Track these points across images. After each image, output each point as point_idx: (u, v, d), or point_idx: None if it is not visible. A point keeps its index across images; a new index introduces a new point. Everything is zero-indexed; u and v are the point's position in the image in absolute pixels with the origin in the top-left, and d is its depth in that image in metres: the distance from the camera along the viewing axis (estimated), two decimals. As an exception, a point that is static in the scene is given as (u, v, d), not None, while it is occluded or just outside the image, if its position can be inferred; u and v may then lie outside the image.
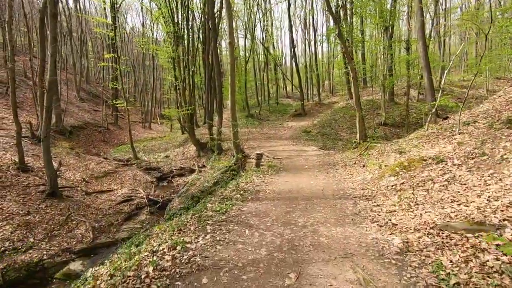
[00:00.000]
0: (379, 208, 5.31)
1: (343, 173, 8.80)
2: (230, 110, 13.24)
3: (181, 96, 18.75)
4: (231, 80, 13.00)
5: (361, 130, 11.42)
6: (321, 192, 6.81)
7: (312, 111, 27.06)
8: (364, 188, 6.86)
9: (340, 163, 10.16)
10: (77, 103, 26.96)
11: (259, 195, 6.66)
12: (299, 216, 5.18)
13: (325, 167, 9.96)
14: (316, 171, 9.38)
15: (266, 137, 19.30)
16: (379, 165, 8.40)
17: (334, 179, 8.16)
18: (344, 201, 6.05)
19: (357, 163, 9.65)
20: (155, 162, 19.48)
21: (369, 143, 11.03)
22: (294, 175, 8.97)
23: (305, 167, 10.02)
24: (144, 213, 12.74)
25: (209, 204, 6.12)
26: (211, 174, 13.82)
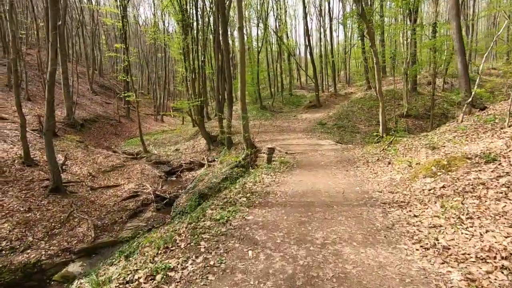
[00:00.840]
0: (417, 221, 4.17)
1: (366, 172, 7.63)
2: (240, 101, 12.18)
3: (190, 88, 17.86)
4: (241, 69, 11.91)
5: (384, 122, 10.13)
6: (342, 196, 5.71)
7: (327, 102, 25.60)
8: (394, 191, 5.69)
9: (361, 160, 8.96)
10: (90, 96, 26.61)
11: (269, 199, 5.62)
12: (316, 229, 4.12)
13: (344, 164, 8.79)
14: (334, 169, 8.24)
15: (279, 130, 18.18)
16: (409, 163, 7.16)
17: (356, 179, 7.01)
18: (371, 208, 4.93)
19: (381, 160, 8.43)
20: (165, 156, 18.79)
21: (394, 137, 9.74)
22: (309, 173, 7.87)
23: (321, 164, 8.89)
24: (151, 210, 12.02)
25: (209, 209, 5.15)
26: (220, 169, 12.90)
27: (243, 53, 11.84)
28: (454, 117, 19.24)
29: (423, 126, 17.54)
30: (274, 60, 32.40)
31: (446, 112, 18.92)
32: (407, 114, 18.03)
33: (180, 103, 17.29)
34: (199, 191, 11.61)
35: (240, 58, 11.81)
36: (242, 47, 11.74)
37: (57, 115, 20.60)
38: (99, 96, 27.12)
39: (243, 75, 11.98)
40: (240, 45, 11.74)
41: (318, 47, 39.79)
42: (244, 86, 12.18)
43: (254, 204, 5.26)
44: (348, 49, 34.03)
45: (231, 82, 14.20)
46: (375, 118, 18.81)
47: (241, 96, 12.05)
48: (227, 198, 5.80)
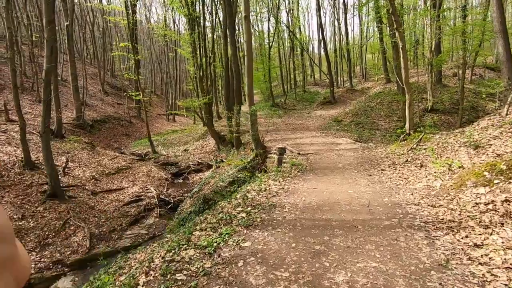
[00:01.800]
0: (483, 254, 2.87)
1: (394, 177, 6.28)
2: (247, 96, 11.03)
3: (198, 85, 16.86)
4: (247, 61, 10.74)
5: (411, 117, 8.67)
6: (367, 211, 4.43)
7: (342, 98, 24.01)
8: (435, 204, 4.36)
9: (386, 161, 7.59)
10: (101, 96, 26.21)
11: (274, 215, 4.42)
12: (336, 265, 2.90)
13: (366, 166, 7.45)
14: (354, 172, 6.92)
15: (291, 128, 16.89)
16: (448, 166, 5.77)
17: (383, 186, 5.69)
18: (410, 231, 3.63)
19: (410, 162, 7.04)
20: (173, 157, 17.93)
21: (423, 134, 8.29)
22: (324, 178, 6.60)
23: (338, 166, 7.59)
24: (153, 216, 11.09)
25: (198, 230, 4.02)
26: (227, 171, 11.80)
27: (250, 44, 10.65)
28: (484, 111, 17.35)
29: (450, 122, 15.76)
30: (286, 56, 30.98)
31: (476, 105, 16.99)
32: (432, 109, 16.29)
33: (187, 101, 16.32)
34: (204, 196, 10.56)
35: (247, 49, 10.64)
36: (248, 38, 10.56)
37: (67, 116, 20.19)
38: (110, 96, 26.70)
39: (250, 68, 10.80)
40: (247, 35, 10.56)
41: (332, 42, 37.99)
42: (252, 80, 11.01)
43: (255, 223, 4.07)
44: (364, 43, 32.15)
45: (239, 77, 13.06)
46: (396, 113, 17.16)
47: (248, 91, 10.89)
48: (223, 212, 4.64)
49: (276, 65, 28.26)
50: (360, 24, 31.49)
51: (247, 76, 10.87)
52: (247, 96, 11.06)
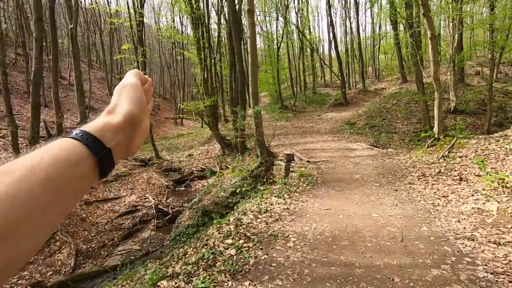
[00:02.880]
0: None
1: (428, 193, 4.96)
2: (251, 97, 9.88)
3: (202, 86, 15.87)
4: (251, 59, 9.61)
5: (441, 119, 7.29)
6: (402, 248, 3.17)
7: (355, 100, 22.55)
8: (498, 240, 3.07)
9: (413, 172, 6.25)
10: (108, 100, 25.54)
11: (274, 253, 3.22)
12: None
13: (389, 177, 6.15)
14: (376, 186, 5.64)
15: (300, 132, 15.62)
16: (501, 181, 4.44)
17: (416, 207, 4.40)
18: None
19: (445, 174, 5.70)
20: (177, 162, 16.94)
21: (456, 139, 6.91)
22: (339, 194, 5.35)
23: (355, 178, 6.31)
24: (150, 228, 10.03)
25: (168, 277, 2.87)
26: (230, 180, 10.67)
27: (254, 40, 9.52)
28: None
29: (476, 124, 14.15)
30: (296, 57, 29.75)
31: (504, 106, 15.30)
32: (455, 110, 14.71)
33: (190, 104, 15.33)
34: (203, 208, 9.46)
35: (250, 45, 9.51)
36: (252, 33, 9.43)
37: (71, 120, 19.60)
38: (117, 100, 26.10)
39: (255, 66, 9.66)
40: (250, 30, 9.43)
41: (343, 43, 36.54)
42: (256, 79, 9.86)
43: (246, 267, 2.89)
44: (377, 42, 30.57)
45: (244, 77, 11.94)
46: (415, 115, 15.65)
47: (252, 91, 9.74)
48: (207, 246, 3.47)
49: (285, 66, 27.08)
50: (372, 22, 29.96)
51: (251, 75, 9.73)
52: (250, 97, 9.92)
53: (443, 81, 17.27)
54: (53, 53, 14.56)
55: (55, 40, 14.41)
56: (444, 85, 16.35)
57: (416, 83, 13.48)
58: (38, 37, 9.24)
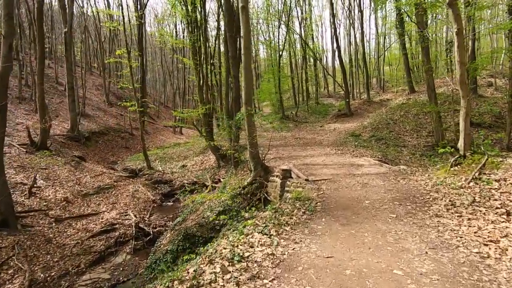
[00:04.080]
0: None
1: (466, 234, 3.58)
2: (244, 105, 8.63)
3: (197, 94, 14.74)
4: (244, 61, 8.41)
5: (467, 133, 5.94)
6: None
7: (359, 111, 21.26)
8: None
9: (438, 198, 4.87)
10: (105, 107, 24.67)
11: None
12: None
13: (407, 205, 4.77)
14: (392, 219, 4.27)
15: (301, 143, 14.30)
16: None
17: (454, 258, 3.03)
18: None
19: (481, 203, 4.33)
20: (170, 173, 15.66)
21: (486, 157, 5.56)
22: (344, 229, 3.99)
23: (365, 205, 4.95)
24: (126, 251, 8.64)
25: None
26: (219, 197, 9.32)
27: (248, 40, 8.34)
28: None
29: (494, 138, 12.71)
30: (299, 67, 28.70)
31: (524, 119, 13.81)
32: (470, 123, 13.25)
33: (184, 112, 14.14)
34: (186, 230, 8.07)
35: (244, 45, 8.31)
36: (246, 32, 8.26)
37: (62, 127, 18.53)
38: (115, 107, 25.12)
39: (248, 68, 8.45)
40: (244, 29, 8.26)
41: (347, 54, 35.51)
42: (250, 83, 8.63)
43: None
44: (381, 53, 29.46)
45: (239, 83, 10.74)
46: (425, 127, 14.27)
47: (245, 97, 8.50)
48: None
49: (287, 75, 26.00)
50: (376, 32, 28.94)
51: (244, 79, 8.51)
52: (243, 104, 8.68)
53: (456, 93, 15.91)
54: (39, 55, 13.59)
55: (42, 42, 13.46)
56: (457, 97, 14.98)
57: (428, 92, 12.19)
58: (7, 34, 8.17)
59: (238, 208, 8.32)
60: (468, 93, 5.67)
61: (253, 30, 30.58)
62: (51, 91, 23.01)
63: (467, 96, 5.58)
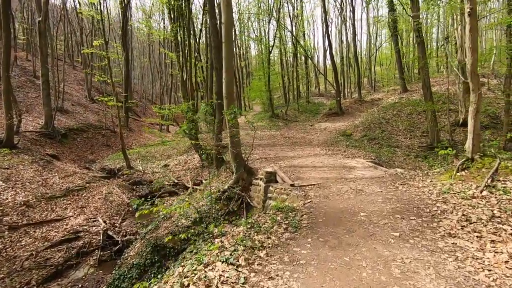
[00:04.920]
0: None
1: (492, 262, 2.70)
2: (224, 99, 7.63)
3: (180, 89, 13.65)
4: (225, 49, 7.40)
5: (477, 133, 5.09)
6: None
7: (350, 110, 20.50)
8: None
9: (448, 211, 3.98)
10: (86, 103, 23.23)
11: None
12: None
13: (411, 220, 3.87)
14: (395, 239, 3.36)
15: (290, 143, 13.38)
16: None
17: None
18: None
19: (502, 218, 3.47)
20: (150, 173, 14.50)
21: (499, 161, 4.73)
22: (335, 255, 3.05)
23: (360, 218, 4.03)
24: (90, 264, 7.55)
25: None
26: (197, 201, 8.30)
27: (229, 26, 7.33)
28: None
29: (489, 139, 12.05)
30: (289, 65, 27.81)
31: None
32: (464, 122, 12.60)
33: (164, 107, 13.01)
34: (156, 241, 7.04)
35: (225, 33, 7.30)
36: (227, 19, 7.24)
37: (36, 123, 17.11)
38: (97, 103, 23.69)
39: (230, 58, 7.45)
40: (225, 15, 7.25)
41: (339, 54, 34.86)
42: (231, 76, 7.64)
43: None
44: (373, 52, 28.85)
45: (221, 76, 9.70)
46: (418, 127, 13.54)
47: (226, 91, 7.51)
48: None
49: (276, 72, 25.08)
50: (368, 31, 28.32)
51: (225, 70, 7.51)
52: (224, 98, 7.66)
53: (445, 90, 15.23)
54: (4, 44, 12.26)
55: (8, 31, 12.15)
56: (451, 97, 14.32)
57: (423, 90, 11.42)
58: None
59: (216, 215, 7.33)
60: (479, 86, 4.81)
61: (243, 27, 29.55)
62: (28, 85, 21.49)
63: (478, 90, 4.72)
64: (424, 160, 10.29)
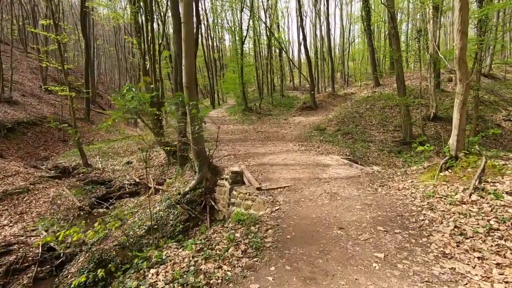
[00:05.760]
0: None
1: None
2: (184, 89, 6.59)
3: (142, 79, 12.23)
4: (185, 33, 6.32)
5: (463, 127, 4.52)
6: None
7: (324, 104, 20.09)
8: None
9: (436, 221, 3.33)
10: (41, 94, 20.80)
11: None
12: None
13: (397, 235, 3.17)
14: (381, 264, 2.63)
15: (262, 138, 12.55)
16: None
17: None
18: None
19: (503, 232, 2.85)
20: (111, 171, 13.05)
21: (485, 160, 4.20)
22: None
23: (337, 233, 3.27)
24: (22, 283, 6.31)
25: None
26: (154, 206, 7.24)
27: (189, 7, 6.24)
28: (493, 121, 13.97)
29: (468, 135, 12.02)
30: (264, 57, 26.89)
31: (483, 115, 13.47)
32: (435, 117, 12.54)
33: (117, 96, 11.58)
34: (101, 255, 5.91)
35: (184, 13, 6.22)
36: (186, -6, 6.15)
37: (-24, 116, 14.85)
38: (54, 95, 21.27)
39: (190, 43, 6.39)
40: (183, -11, 6.15)
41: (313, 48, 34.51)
42: (192, 63, 6.59)
43: None
44: (346, 47, 28.74)
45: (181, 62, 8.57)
46: (391, 121, 13.29)
47: (186, 79, 6.46)
48: None
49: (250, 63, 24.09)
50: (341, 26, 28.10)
51: (184, 56, 6.44)
52: (184, 87, 6.61)
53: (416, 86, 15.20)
54: None
55: None
56: (422, 92, 14.20)
57: (397, 83, 11.05)
58: None
59: (174, 222, 6.33)
60: (468, 76, 4.20)
61: (217, 17, 28.11)
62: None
63: (466, 79, 4.11)
64: (398, 155, 9.93)
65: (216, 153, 10.06)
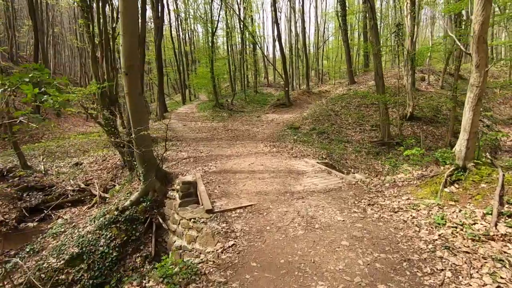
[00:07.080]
0: None
1: None
2: (123, 77, 5.05)
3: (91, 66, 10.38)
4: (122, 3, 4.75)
5: (474, 131, 3.47)
6: None
7: (299, 101, 19.06)
8: None
9: (464, 272, 2.21)
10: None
11: None
12: None
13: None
14: None
15: (231, 137, 11.14)
16: None
17: None
18: None
19: None
20: (55, 174, 10.98)
21: (502, 173, 3.18)
22: None
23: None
24: None
25: None
26: (86, 224, 5.61)
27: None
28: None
29: (435, 133, 11.47)
30: (237, 52, 25.36)
31: (459, 115, 13.05)
32: (411, 116, 11.87)
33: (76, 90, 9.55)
34: None
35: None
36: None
37: None
38: None
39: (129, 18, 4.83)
40: None
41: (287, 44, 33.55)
42: (133, 44, 5.03)
43: None
44: (321, 45, 28.00)
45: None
46: (367, 120, 12.46)
47: (124, 63, 4.91)
48: None
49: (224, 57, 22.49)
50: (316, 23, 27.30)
51: (122, 34, 4.88)
52: (123, 73, 5.05)
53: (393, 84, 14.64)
54: None
55: None
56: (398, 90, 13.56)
57: (375, 80, 10.13)
58: None
59: (107, 249, 4.77)
60: (487, 61, 3.10)
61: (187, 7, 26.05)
62: None
63: (485, 66, 3.01)
64: (376, 157, 9.01)
65: (173, 155, 8.51)
